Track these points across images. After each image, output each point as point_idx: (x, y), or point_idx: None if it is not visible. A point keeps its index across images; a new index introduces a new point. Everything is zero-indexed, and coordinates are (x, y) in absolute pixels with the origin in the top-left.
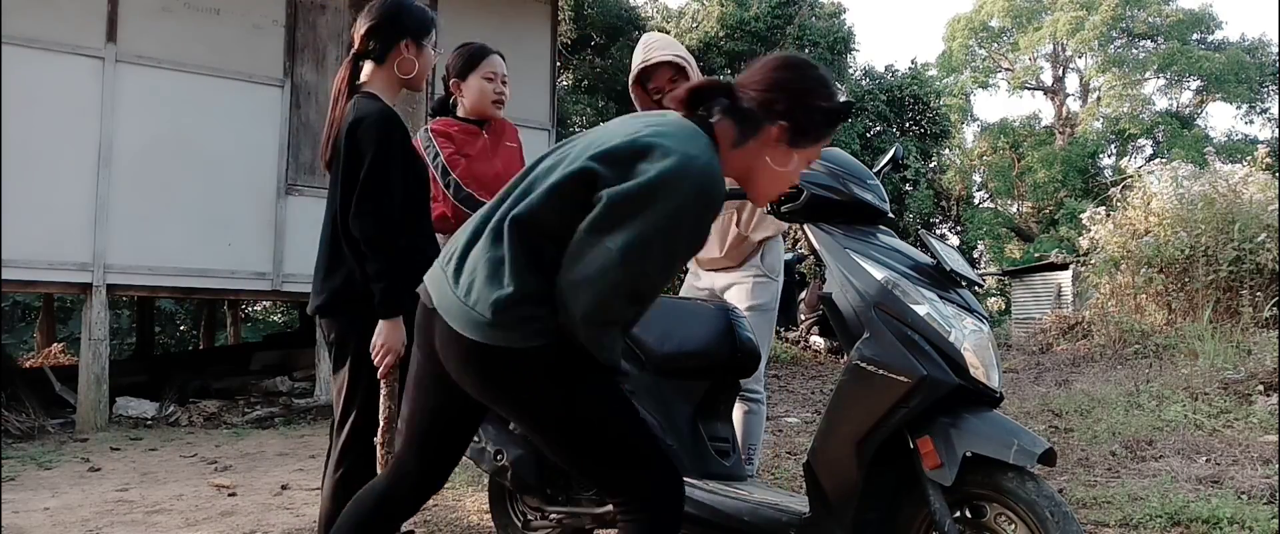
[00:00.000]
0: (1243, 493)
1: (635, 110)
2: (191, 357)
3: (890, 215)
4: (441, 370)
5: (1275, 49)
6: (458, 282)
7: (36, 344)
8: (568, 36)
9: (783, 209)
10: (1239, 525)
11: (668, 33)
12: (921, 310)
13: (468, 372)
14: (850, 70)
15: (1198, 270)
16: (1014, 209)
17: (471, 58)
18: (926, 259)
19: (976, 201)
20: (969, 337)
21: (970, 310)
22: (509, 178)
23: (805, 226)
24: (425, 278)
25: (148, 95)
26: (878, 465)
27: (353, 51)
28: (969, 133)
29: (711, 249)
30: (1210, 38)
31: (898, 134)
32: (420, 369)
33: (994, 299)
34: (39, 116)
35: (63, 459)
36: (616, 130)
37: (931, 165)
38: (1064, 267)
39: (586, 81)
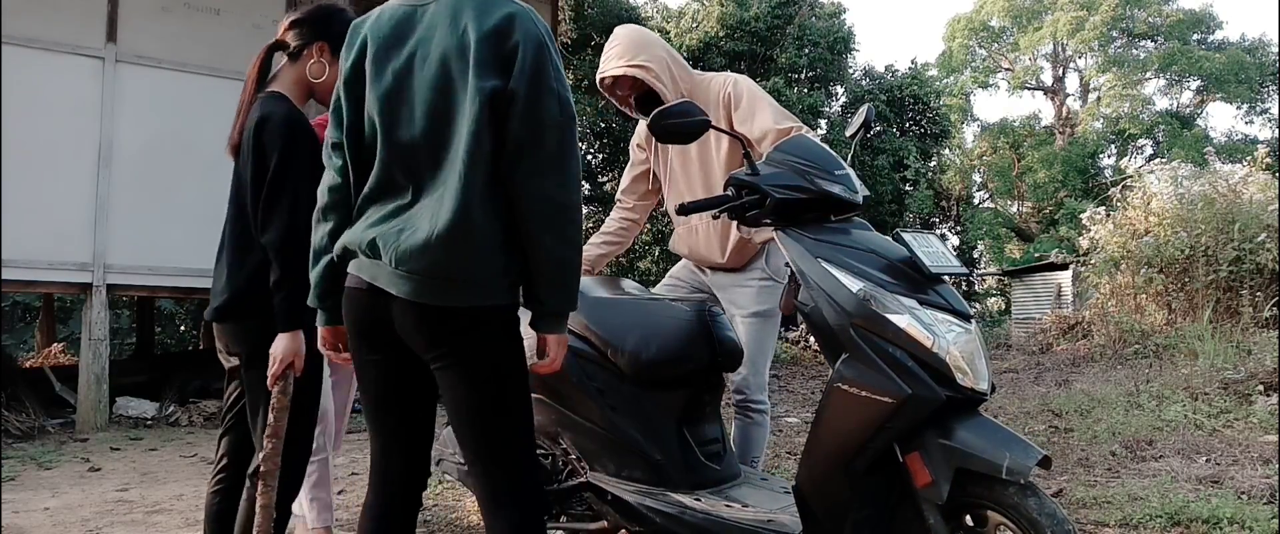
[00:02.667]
0: (1243, 493)
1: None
2: (191, 357)
3: (861, 203)
4: (380, 354)
5: (1275, 49)
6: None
7: (36, 344)
8: (568, 36)
9: (747, 215)
10: (1239, 525)
11: (668, 34)
12: (901, 322)
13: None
14: (850, 70)
15: (1198, 270)
16: (1014, 209)
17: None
18: (904, 253)
19: (976, 201)
20: (953, 341)
21: (953, 311)
22: None
23: (776, 233)
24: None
25: (148, 95)
26: (870, 474)
27: (273, 41)
28: (969, 133)
29: (713, 253)
30: (1210, 38)
31: (898, 134)
32: (358, 358)
33: (994, 299)
34: (39, 116)
35: (63, 459)
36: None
37: (931, 165)
38: (1064, 267)
39: (586, 81)
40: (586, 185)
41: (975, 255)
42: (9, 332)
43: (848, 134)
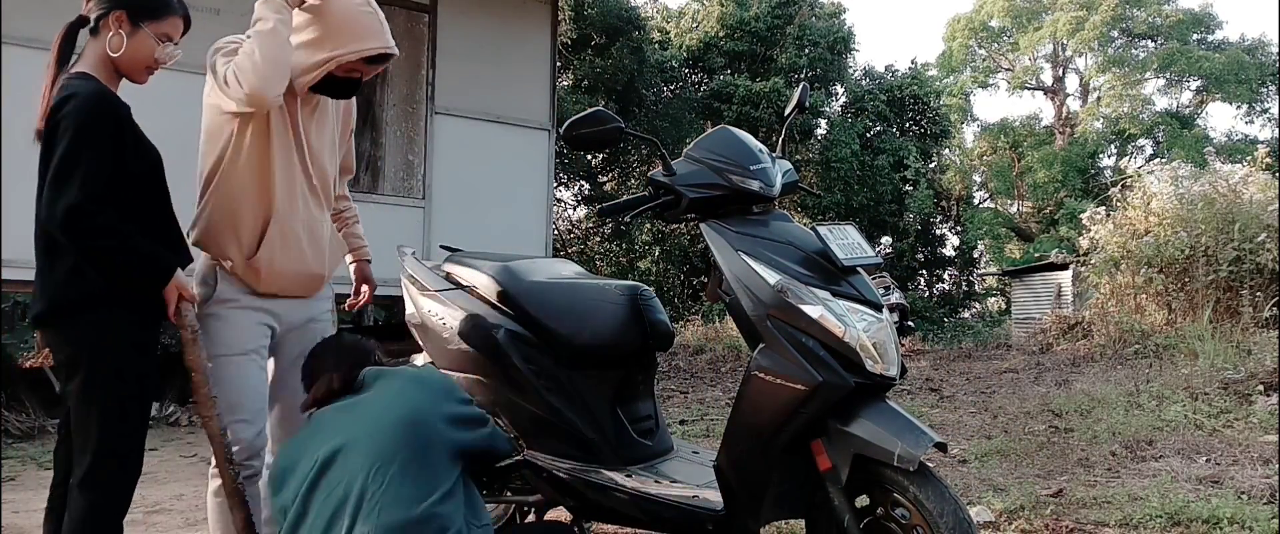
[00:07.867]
0: (1243, 493)
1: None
2: None
3: (776, 196)
4: None
5: (1275, 49)
6: None
7: (36, 344)
8: (568, 36)
9: (666, 213)
10: (1239, 525)
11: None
12: (814, 313)
13: None
14: (850, 70)
15: (1198, 270)
16: (1014, 209)
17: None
18: (821, 245)
19: (976, 201)
20: (864, 331)
21: (865, 300)
22: None
23: (700, 225)
24: None
25: (148, 95)
26: (786, 453)
27: (76, 16)
28: (969, 133)
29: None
30: (1210, 38)
31: (898, 134)
32: None
33: (994, 299)
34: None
35: None
36: None
37: (931, 165)
38: (1064, 267)
39: (586, 81)
40: (586, 185)
41: (975, 255)
42: (9, 332)
43: (786, 113)
